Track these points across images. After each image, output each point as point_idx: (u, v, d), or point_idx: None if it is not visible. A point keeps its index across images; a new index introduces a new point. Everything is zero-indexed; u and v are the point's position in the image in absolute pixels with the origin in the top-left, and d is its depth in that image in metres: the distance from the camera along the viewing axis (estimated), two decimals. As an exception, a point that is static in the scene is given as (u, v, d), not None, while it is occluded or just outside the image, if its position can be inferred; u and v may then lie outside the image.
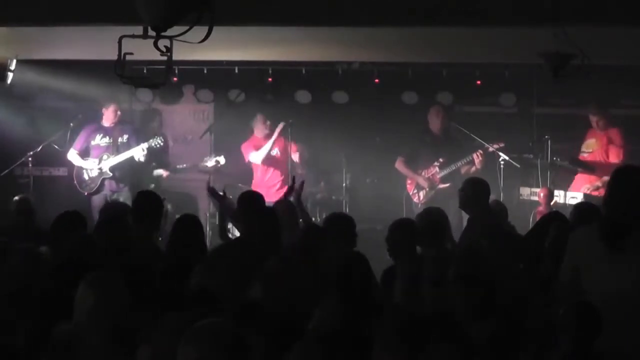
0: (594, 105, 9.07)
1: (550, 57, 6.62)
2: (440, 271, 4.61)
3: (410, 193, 9.36)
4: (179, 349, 2.91)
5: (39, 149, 9.38)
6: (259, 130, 9.56)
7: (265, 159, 9.37)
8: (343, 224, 5.56)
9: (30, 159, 9.39)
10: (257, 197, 6.08)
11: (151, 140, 9.22)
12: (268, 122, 9.52)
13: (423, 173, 9.22)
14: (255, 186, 9.36)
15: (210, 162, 9.52)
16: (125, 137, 9.31)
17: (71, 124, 9.52)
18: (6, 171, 9.43)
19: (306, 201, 9.80)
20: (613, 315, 3.77)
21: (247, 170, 9.74)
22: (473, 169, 8.90)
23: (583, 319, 3.70)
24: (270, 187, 9.32)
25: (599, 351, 3.70)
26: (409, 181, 9.42)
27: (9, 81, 8.90)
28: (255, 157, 9.39)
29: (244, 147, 9.54)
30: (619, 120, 9.29)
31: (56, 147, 9.51)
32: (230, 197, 9.13)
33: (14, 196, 7.14)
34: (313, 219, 10.11)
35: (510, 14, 6.18)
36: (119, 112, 9.42)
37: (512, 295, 4.54)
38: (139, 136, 9.45)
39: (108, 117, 9.33)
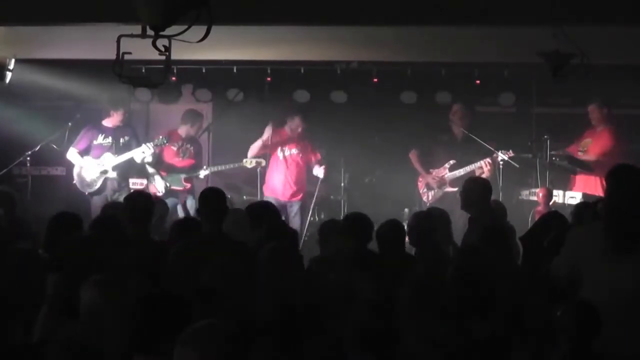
0: (597, 101, 8.97)
1: (549, 57, 6.61)
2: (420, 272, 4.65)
3: (420, 191, 9.35)
4: (176, 350, 2.89)
5: (37, 149, 9.34)
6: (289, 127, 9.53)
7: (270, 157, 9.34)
8: (360, 224, 5.56)
9: (28, 158, 9.36)
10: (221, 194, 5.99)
11: (156, 140, 9.19)
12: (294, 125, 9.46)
13: (434, 172, 9.21)
14: (269, 186, 9.37)
15: (251, 164, 9.48)
16: (127, 138, 9.28)
17: (69, 124, 9.49)
18: (4, 171, 9.41)
19: (305, 201, 9.83)
20: (614, 315, 3.76)
21: (249, 170, 9.71)
22: (483, 176, 8.87)
23: (582, 319, 3.69)
24: (286, 188, 9.32)
25: (598, 351, 3.69)
26: (420, 179, 9.43)
27: (7, 80, 8.89)
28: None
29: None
30: (619, 120, 9.27)
31: (54, 146, 9.47)
32: (229, 196, 9.18)
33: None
34: (311, 218, 10.17)
35: (510, 14, 6.18)
36: (127, 115, 9.38)
37: (511, 295, 4.53)
38: (139, 138, 9.42)
39: (114, 120, 9.27)
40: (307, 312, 3.93)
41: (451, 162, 9.12)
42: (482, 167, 8.87)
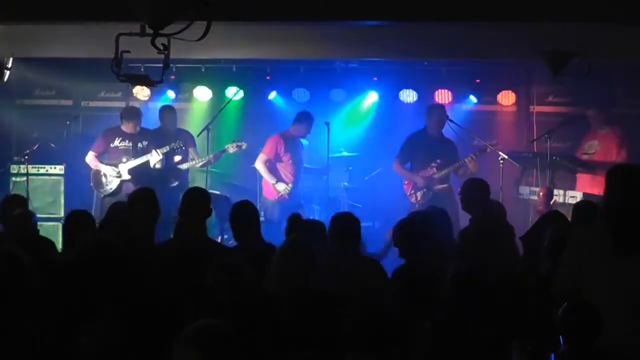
0: (593, 107, 9.03)
1: (549, 56, 6.61)
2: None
3: (408, 194, 9.30)
4: (174, 351, 2.88)
5: (35, 147, 9.33)
6: (298, 131, 9.38)
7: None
8: (345, 224, 5.52)
9: (26, 157, 9.35)
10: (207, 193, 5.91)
11: (173, 144, 9.08)
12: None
13: (420, 174, 9.17)
14: (268, 185, 9.36)
15: (232, 148, 9.42)
16: (145, 142, 9.18)
17: (68, 122, 9.48)
18: (2, 169, 9.41)
19: (305, 199, 9.81)
20: (619, 315, 3.74)
21: (248, 169, 9.68)
22: (468, 172, 8.86)
23: (583, 319, 3.68)
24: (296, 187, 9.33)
25: (601, 351, 3.68)
26: (405, 182, 9.36)
27: (5, 79, 8.87)
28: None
29: (273, 142, 9.29)
30: (618, 119, 9.26)
31: (52, 145, 9.47)
32: (227, 195, 9.16)
33: (10, 194, 7.08)
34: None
35: (510, 12, 6.15)
36: (138, 128, 9.27)
37: (510, 295, 4.52)
38: (158, 142, 9.17)
39: (129, 127, 9.10)
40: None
41: (438, 160, 9.09)
42: (467, 164, 8.86)
